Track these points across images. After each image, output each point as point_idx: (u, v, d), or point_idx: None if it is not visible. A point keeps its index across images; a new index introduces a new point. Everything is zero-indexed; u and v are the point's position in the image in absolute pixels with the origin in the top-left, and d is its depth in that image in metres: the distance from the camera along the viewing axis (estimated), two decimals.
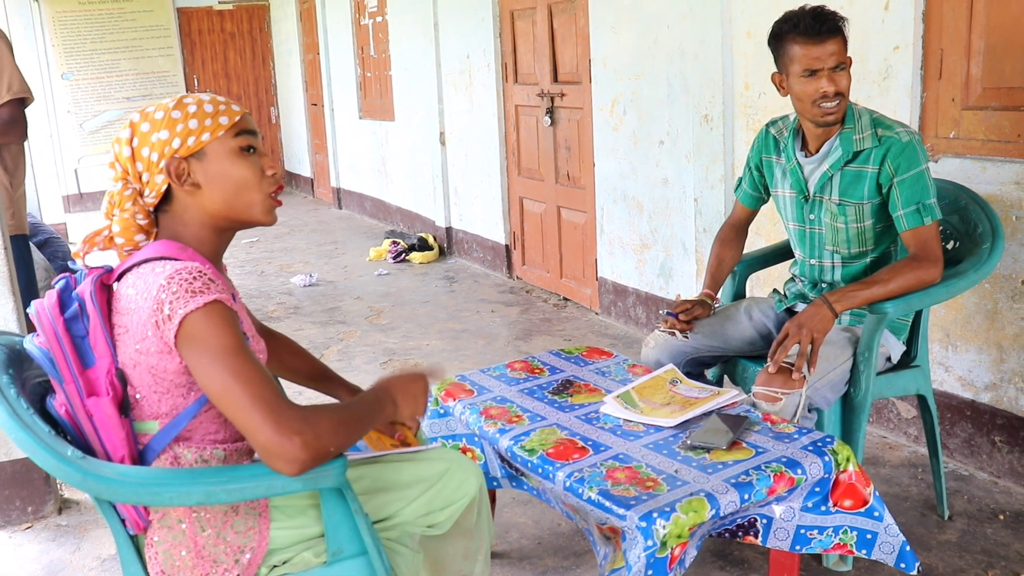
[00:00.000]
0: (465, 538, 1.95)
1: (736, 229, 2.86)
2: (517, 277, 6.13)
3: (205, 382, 1.49)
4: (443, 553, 1.95)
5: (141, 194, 1.62)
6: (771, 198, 2.76)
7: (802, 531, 1.97)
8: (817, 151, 2.51)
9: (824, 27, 2.35)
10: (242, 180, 1.63)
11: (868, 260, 2.56)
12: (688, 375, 2.64)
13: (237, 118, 1.64)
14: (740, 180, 2.82)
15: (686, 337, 2.64)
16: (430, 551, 1.93)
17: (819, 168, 2.52)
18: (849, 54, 2.41)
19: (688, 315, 2.66)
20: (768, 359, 2.37)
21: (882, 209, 2.48)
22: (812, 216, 2.58)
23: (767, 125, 2.69)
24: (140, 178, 1.61)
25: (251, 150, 1.65)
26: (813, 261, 2.63)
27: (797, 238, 2.66)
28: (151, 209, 1.64)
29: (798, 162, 2.57)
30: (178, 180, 1.61)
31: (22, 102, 3.25)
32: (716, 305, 2.75)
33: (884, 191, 2.43)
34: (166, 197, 1.63)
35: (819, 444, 2.02)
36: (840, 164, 2.47)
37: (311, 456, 1.48)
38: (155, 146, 1.60)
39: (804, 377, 2.30)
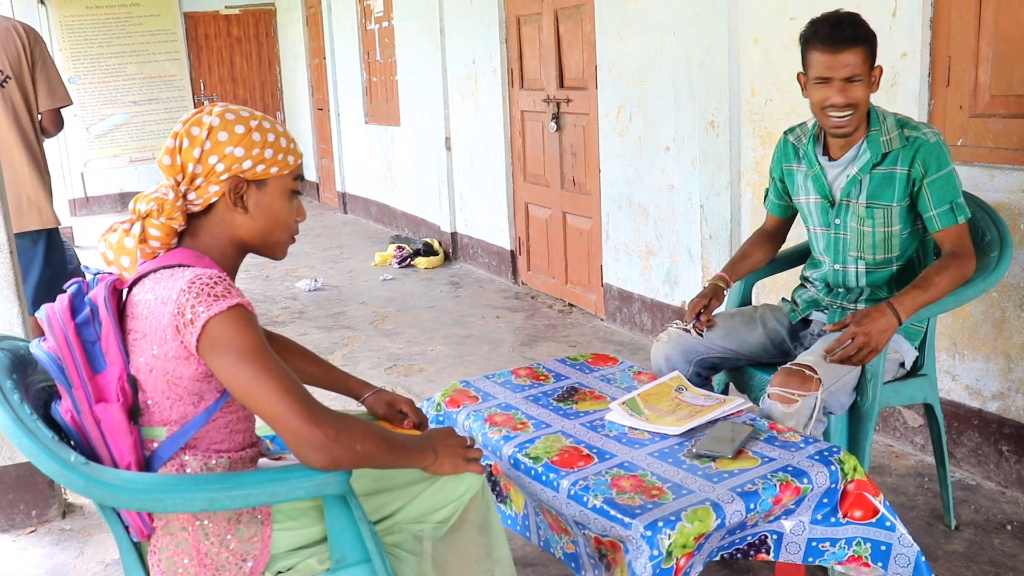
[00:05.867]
0: (482, 534, 1.93)
1: (768, 234, 2.84)
2: (522, 283, 6.12)
3: (231, 380, 1.49)
4: (465, 554, 1.92)
5: (185, 196, 1.62)
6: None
7: (814, 544, 1.96)
8: (840, 156, 2.50)
9: (842, 36, 2.33)
10: (284, 221, 1.70)
11: (894, 268, 2.54)
12: (697, 376, 2.64)
13: (300, 161, 1.71)
14: (767, 191, 2.81)
15: (700, 335, 2.63)
16: (450, 554, 1.90)
17: (845, 172, 2.50)
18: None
19: (707, 313, 2.66)
20: (825, 353, 2.37)
21: (909, 213, 2.47)
22: (838, 221, 2.55)
23: (785, 133, 2.68)
24: (193, 180, 1.61)
25: (297, 193, 1.72)
26: (838, 266, 2.60)
27: (823, 244, 2.63)
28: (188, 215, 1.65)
29: (821, 167, 2.55)
30: (233, 199, 1.62)
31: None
32: (727, 291, 2.75)
33: (914, 191, 2.42)
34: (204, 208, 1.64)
35: (825, 454, 2.00)
36: (869, 167, 2.45)
37: (341, 449, 1.50)
38: (226, 159, 1.60)
39: (820, 380, 2.29)
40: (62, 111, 3.87)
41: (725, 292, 2.73)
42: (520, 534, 2.20)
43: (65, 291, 1.62)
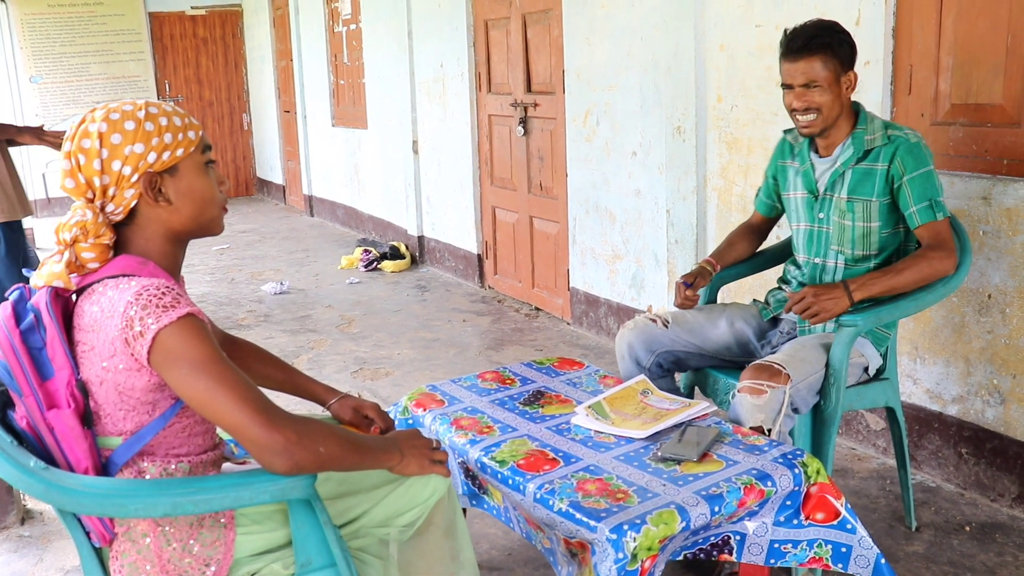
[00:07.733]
0: (448, 538, 1.93)
1: (752, 228, 2.93)
2: (489, 287, 6.12)
3: (187, 392, 1.47)
4: (431, 557, 1.92)
5: (103, 209, 1.57)
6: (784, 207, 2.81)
7: (776, 545, 1.98)
8: (828, 153, 2.59)
9: (796, 46, 2.46)
10: (209, 196, 1.65)
11: (871, 265, 2.58)
12: (659, 367, 2.66)
13: (201, 133, 1.65)
14: (759, 189, 2.89)
15: (666, 326, 2.67)
16: (416, 558, 1.90)
17: (831, 167, 2.58)
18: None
19: (694, 289, 2.72)
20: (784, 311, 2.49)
21: (890, 211, 2.52)
22: (821, 215, 2.62)
23: (784, 132, 2.76)
24: (105, 192, 1.56)
25: (211, 164, 1.66)
26: (817, 260, 2.66)
27: (804, 239, 2.69)
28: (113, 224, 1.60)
29: (811, 164, 2.64)
30: (152, 196, 1.58)
31: None
32: (713, 274, 2.81)
33: (894, 188, 2.49)
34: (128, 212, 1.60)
35: (789, 457, 2.03)
36: (851, 162, 2.53)
37: (304, 453, 1.49)
38: (129, 159, 1.54)
39: (789, 376, 2.31)
40: None
41: (712, 275, 2.80)
42: (505, 523, 2.20)
43: (7, 298, 1.58)
